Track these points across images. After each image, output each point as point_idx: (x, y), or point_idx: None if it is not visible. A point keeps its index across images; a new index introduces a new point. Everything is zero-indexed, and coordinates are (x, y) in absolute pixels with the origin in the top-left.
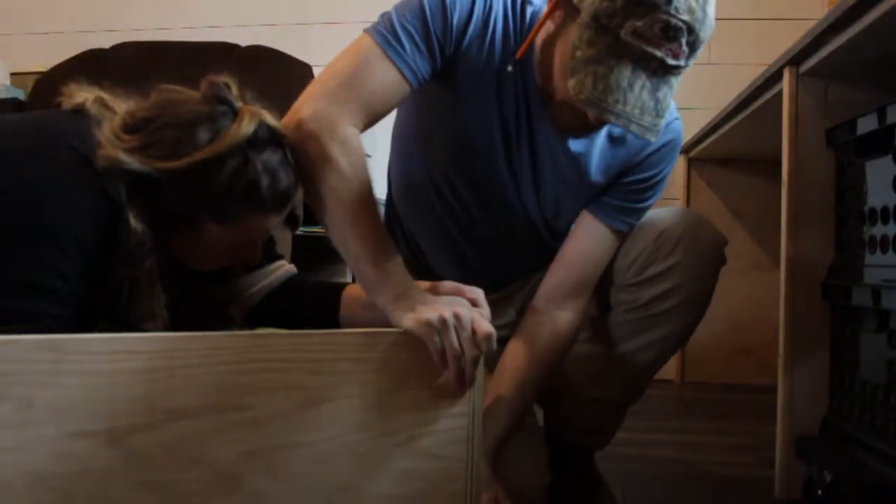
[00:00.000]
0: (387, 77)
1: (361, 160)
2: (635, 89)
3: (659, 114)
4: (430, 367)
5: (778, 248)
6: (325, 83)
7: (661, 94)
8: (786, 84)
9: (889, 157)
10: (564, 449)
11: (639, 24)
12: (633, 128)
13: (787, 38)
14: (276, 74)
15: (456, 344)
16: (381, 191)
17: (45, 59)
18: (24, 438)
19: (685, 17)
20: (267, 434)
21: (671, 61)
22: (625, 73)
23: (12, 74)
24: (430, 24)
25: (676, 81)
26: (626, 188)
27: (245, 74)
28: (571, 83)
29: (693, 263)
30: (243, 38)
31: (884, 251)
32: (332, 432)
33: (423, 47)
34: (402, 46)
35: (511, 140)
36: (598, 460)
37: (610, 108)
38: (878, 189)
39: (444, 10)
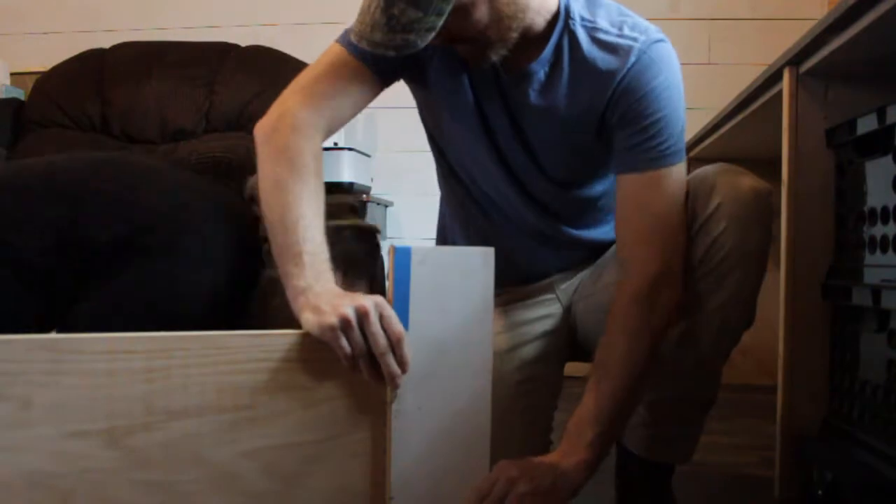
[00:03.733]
0: (355, 76)
1: (311, 160)
2: (371, 8)
3: (393, 29)
4: None
5: (777, 248)
6: (294, 87)
7: (395, 10)
8: (786, 84)
9: (889, 157)
10: (633, 465)
11: None
12: (364, 43)
13: (787, 38)
14: (276, 74)
15: (361, 341)
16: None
17: (45, 59)
18: (22, 438)
19: None
20: (266, 434)
21: None
22: None
23: (12, 74)
24: None
25: None
26: (623, 127)
27: (245, 74)
28: None
29: (735, 206)
30: (243, 38)
31: (884, 251)
32: (332, 432)
33: None
34: None
35: (487, 120)
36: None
37: (354, 28)
38: (878, 189)
39: None
